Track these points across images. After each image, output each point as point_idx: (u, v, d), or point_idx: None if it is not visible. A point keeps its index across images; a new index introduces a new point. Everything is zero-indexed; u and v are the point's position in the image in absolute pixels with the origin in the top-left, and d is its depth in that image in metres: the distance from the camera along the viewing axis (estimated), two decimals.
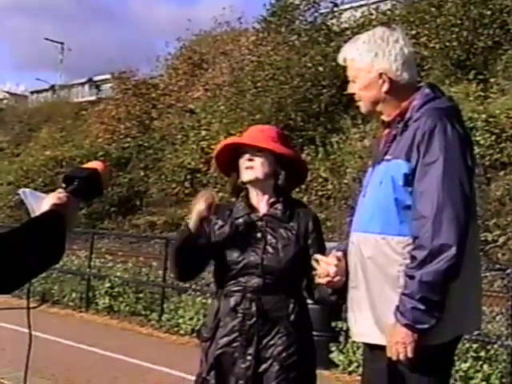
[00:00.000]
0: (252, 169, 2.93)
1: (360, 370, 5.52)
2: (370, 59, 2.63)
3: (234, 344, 2.85)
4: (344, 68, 2.78)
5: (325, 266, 2.70)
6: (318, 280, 2.74)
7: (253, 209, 2.97)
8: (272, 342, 2.83)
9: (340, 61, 2.76)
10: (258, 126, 3.36)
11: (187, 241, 2.88)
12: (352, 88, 2.74)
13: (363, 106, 2.75)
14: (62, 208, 1.84)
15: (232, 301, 2.87)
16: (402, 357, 2.44)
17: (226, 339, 2.86)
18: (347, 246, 2.73)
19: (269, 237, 2.90)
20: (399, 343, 2.44)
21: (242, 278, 2.87)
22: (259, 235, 2.91)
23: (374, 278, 2.56)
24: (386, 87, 2.64)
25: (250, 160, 2.93)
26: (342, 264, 2.70)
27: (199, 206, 2.85)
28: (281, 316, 2.85)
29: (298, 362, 2.84)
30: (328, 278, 2.70)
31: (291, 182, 3.01)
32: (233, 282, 2.89)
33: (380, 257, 2.54)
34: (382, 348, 2.54)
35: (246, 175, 2.95)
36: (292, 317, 2.85)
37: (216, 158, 3.09)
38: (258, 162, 2.92)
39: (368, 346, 2.72)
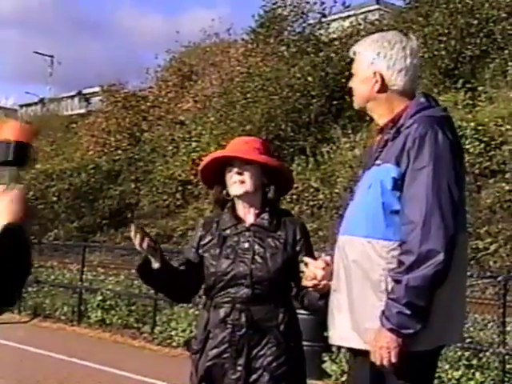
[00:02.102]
0: (242, 183, 2.91)
1: None
2: (371, 57, 2.67)
3: (224, 355, 2.84)
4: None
5: (312, 269, 2.71)
6: (304, 282, 2.74)
7: (239, 220, 2.96)
8: (262, 353, 2.83)
9: (350, 54, 2.79)
10: (241, 137, 3.34)
11: (162, 278, 2.88)
12: (352, 81, 2.79)
13: (355, 102, 2.79)
14: (19, 219, 1.78)
15: (221, 312, 2.87)
16: (385, 362, 2.43)
17: (215, 351, 2.85)
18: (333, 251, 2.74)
19: (256, 247, 2.90)
20: (383, 348, 2.43)
21: (231, 288, 2.86)
22: (247, 245, 2.90)
23: (356, 282, 2.56)
24: (377, 87, 2.66)
25: (239, 174, 2.91)
26: (329, 268, 2.71)
27: (139, 247, 2.82)
28: (270, 326, 2.84)
29: (288, 372, 2.84)
30: (314, 281, 2.71)
31: (278, 193, 3.02)
32: (222, 293, 2.88)
33: (364, 260, 2.54)
34: (363, 353, 2.55)
35: (235, 189, 2.93)
36: (282, 327, 2.85)
37: (201, 170, 3.08)
38: (247, 175, 2.91)
39: (350, 351, 2.72)
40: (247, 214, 2.96)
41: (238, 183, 2.92)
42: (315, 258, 2.89)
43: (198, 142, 20.51)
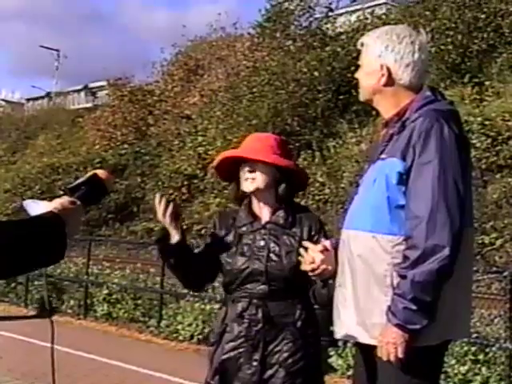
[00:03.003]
0: (252, 180, 2.94)
1: None
2: (379, 50, 2.66)
3: (240, 349, 2.86)
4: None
5: (311, 253, 2.71)
6: (303, 267, 2.75)
7: (255, 217, 2.99)
8: (278, 348, 2.84)
9: (358, 45, 2.79)
10: (256, 134, 3.37)
11: (180, 254, 2.92)
12: (358, 73, 2.78)
13: (361, 94, 2.79)
14: (63, 212, 1.86)
15: (239, 307, 2.90)
16: (392, 357, 2.43)
17: (231, 344, 2.88)
18: (338, 242, 2.74)
19: (272, 244, 2.92)
20: (390, 343, 2.43)
21: (248, 284, 2.90)
22: (262, 243, 2.93)
23: (361, 276, 2.56)
24: (383, 80, 2.65)
25: (251, 171, 2.95)
26: (329, 253, 2.71)
27: (162, 217, 2.94)
28: (287, 322, 2.86)
29: (304, 369, 2.85)
30: (313, 265, 2.71)
31: (292, 190, 3.03)
32: (239, 288, 2.92)
33: (369, 255, 2.54)
34: (369, 348, 2.55)
35: (246, 186, 2.97)
36: (298, 323, 2.87)
37: (216, 168, 3.11)
38: (259, 173, 2.94)
39: (356, 345, 2.72)
40: (262, 211, 2.99)
41: (249, 180, 2.94)
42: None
43: (204, 136, 20.49)
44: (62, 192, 2.05)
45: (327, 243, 2.75)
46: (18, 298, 12.07)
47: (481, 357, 6.42)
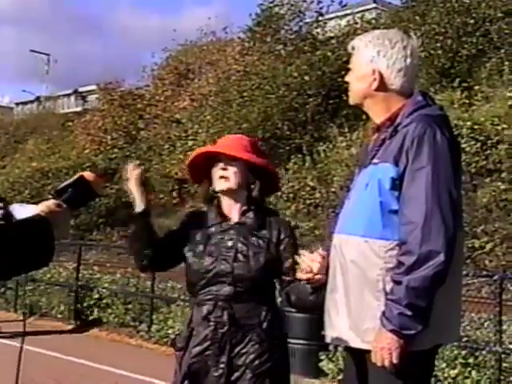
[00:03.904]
0: (226, 178, 2.94)
1: None
2: (371, 54, 2.66)
3: (207, 353, 2.85)
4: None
5: (308, 263, 2.71)
6: (299, 275, 2.74)
7: (224, 217, 2.98)
8: (244, 350, 2.83)
9: (349, 48, 2.78)
10: (231, 135, 3.38)
11: (143, 223, 2.94)
12: (349, 76, 2.77)
13: (351, 97, 2.78)
14: (49, 215, 1.85)
15: (204, 310, 2.88)
16: (386, 363, 2.43)
17: (198, 348, 2.87)
18: (329, 247, 2.74)
19: (240, 245, 2.91)
20: (385, 349, 2.43)
21: (214, 286, 2.88)
22: (230, 243, 2.92)
23: (353, 281, 2.56)
24: (375, 85, 2.65)
25: (224, 169, 2.94)
26: (325, 262, 2.71)
27: (131, 182, 2.99)
28: (253, 324, 2.85)
29: (271, 370, 2.84)
30: (310, 275, 2.71)
31: (264, 191, 3.03)
32: (204, 290, 2.90)
33: (361, 260, 2.54)
34: (360, 353, 2.55)
35: (219, 185, 2.96)
36: (264, 324, 2.86)
37: (188, 166, 3.10)
38: (232, 171, 2.93)
39: (347, 350, 2.72)
40: (232, 211, 2.98)
41: (222, 179, 2.94)
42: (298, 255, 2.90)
43: (195, 140, 20.48)
44: (51, 196, 2.04)
45: (324, 253, 2.74)
46: (7, 303, 12.01)
47: (471, 360, 6.43)
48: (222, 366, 2.82)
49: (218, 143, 3.09)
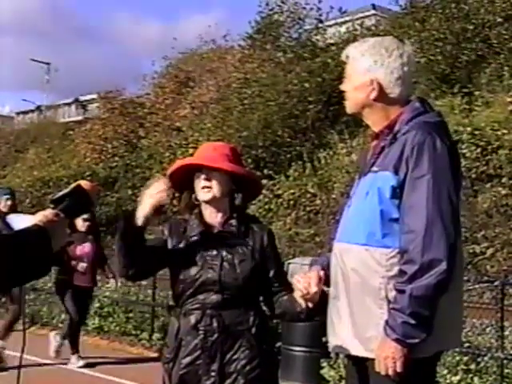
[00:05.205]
0: (209, 189, 2.93)
1: None
2: (368, 64, 2.65)
3: (198, 362, 2.84)
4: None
5: (306, 286, 2.71)
6: (295, 295, 2.78)
7: (207, 226, 2.98)
8: (235, 357, 2.84)
9: (343, 56, 2.77)
10: (211, 143, 3.39)
11: (134, 232, 2.84)
12: (345, 85, 2.76)
13: (348, 107, 2.77)
14: (47, 224, 1.85)
15: (192, 319, 2.87)
16: (391, 372, 2.43)
17: (189, 358, 2.86)
18: (326, 259, 2.74)
19: (225, 253, 2.91)
20: (389, 358, 2.43)
21: (200, 295, 2.87)
22: (215, 252, 2.91)
23: (355, 289, 2.56)
24: (374, 95, 2.64)
25: (207, 180, 2.93)
26: (322, 281, 2.72)
27: (151, 200, 2.81)
28: (242, 330, 2.86)
29: (262, 375, 2.85)
30: (307, 297, 2.71)
31: (246, 199, 3.04)
32: (191, 299, 2.89)
33: (363, 268, 2.54)
34: (362, 361, 2.54)
35: (202, 195, 2.96)
36: (253, 329, 2.87)
37: (170, 176, 3.06)
38: (215, 181, 2.93)
39: (349, 358, 2.71)
40: (215, 220, 2.98)
41: (205, 189, 2.93)
42: (281, 264, 2.98)
43: (195, 148, 20.35)
44: (51, 205, 2.04)
45: (322, 273, 2.73)
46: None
47: (472, 366, 6.41)
48: (213, 374, 2.82)
49: (198, 152, 3.08)
